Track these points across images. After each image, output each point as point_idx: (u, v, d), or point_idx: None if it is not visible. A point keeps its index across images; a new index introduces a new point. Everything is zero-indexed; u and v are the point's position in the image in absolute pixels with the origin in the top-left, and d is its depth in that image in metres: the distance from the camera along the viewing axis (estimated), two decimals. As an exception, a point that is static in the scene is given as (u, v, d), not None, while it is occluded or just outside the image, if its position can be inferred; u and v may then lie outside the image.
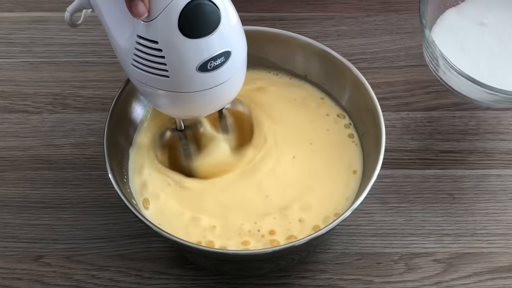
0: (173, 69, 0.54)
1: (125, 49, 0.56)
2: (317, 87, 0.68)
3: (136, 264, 0.66)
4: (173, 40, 0.53)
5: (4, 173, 0.72)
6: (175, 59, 0.54)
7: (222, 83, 0.56)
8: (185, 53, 0.53)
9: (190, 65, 0.54)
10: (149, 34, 0.53)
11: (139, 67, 0.56)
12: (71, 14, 0.59)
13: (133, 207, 0.57)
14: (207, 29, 0.53)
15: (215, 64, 0.54)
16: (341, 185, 0.62)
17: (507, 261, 0.66)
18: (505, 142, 0.73)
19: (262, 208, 0.61)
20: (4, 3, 0.85)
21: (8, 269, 0.66)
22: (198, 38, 0.53)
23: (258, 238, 0.60)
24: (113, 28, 0.57)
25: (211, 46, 0.53)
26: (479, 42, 0.71)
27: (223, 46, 0.54)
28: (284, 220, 0.61)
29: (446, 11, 0.73)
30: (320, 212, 0.61)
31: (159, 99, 0.58)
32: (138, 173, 0.63)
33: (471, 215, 0.69)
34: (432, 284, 0.65)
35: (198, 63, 0.54)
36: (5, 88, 0.78)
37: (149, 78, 0.56)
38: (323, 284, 0.65)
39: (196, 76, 0.54)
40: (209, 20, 0.52)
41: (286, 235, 0.60)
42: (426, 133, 0.74)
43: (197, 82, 0.55)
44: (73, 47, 0.81)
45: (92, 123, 0.75)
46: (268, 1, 0.85)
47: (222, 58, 0.54)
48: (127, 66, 0.57)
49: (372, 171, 0.59)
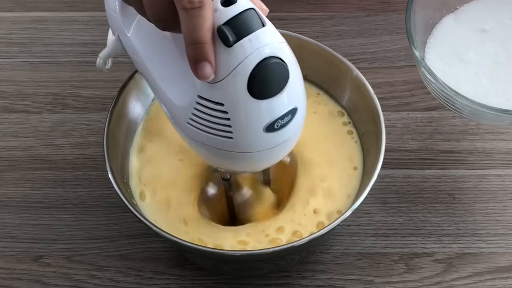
0: (239, 130, 0.50)
1: (180, 107, 0.53)
2: (317, 87, 0.68)
3: (136, 264, 0.66)
4: (241, 102, 0.49)
5: (4, 173, 0.72)
6: (242, 121, 0.50)
7: (286, 140, 0.53)
8: (253, 114, 0.50)
9: (257, 127, 0.50)
10: (213, 95, 0.49)
11: (198, 127, 0.52)
12: (104, 61, 0.57)
13: (133, 207, 0.57)
14: (277, 88, 0.49)
15: (282, 123, 0.51)
16: (344, 181, 0.62)
17: (507, 261, 0.66)
18: (505, 142, 0.73)
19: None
20: (4, 3, 0.85)
21: (8, 269, 0.66)
22: (267, 99, 0.49)
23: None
24: (162, 83, 0.54)
25: (279, 106, 0.50)
26: (480, 51, 0.65)
27: (290, 104, 0.51)
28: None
29: (442, 19, 0.68)
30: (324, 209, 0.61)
31: (214, 157, 0.54)
32: (138, 177, 0.63)
33: (471, 215, 0.69)
34: (432, 284, 0.65)
35: (266, 124, 0.50)
36: (5, 88, 0.78)
37: (209, 138, 0.52)
38: (323, 284, 0.65)
39: (262, 137, 0.51)
40: (279, 79, 0.49)
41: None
42: (426, 133, 0.74)
43: (262, 142, 0.51)
44: (73, 47, 0.81)
45: (92, 123, 0.75)
46: (268, 1, 0.84)
47: (289, 116, 0.51)
48: (181, 123, 0.53)
49: (372, 170, 0.59)
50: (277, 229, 0.60)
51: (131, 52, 0.56)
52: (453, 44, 0.66)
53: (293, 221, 0.60)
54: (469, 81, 0.62)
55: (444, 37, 0.67)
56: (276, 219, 0.61)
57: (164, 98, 0.54)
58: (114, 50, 0.56)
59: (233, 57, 0.47)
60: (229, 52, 0.47)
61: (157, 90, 0.55)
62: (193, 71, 0.48)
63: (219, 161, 0.55)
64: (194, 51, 0.47)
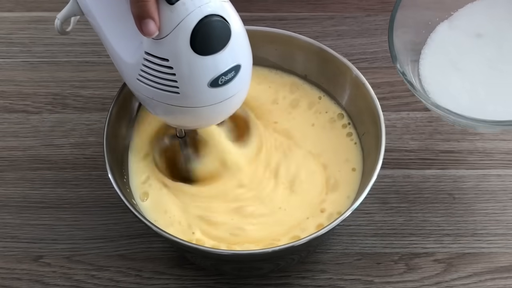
0: (184, 85, 0.53)
1: (129, 64, 0.56)
2: (317, 86, 0.68)
3: (136, 264, 0.66)
4: (185, 58, 0.52)
5: (3, 173, 0.72)
6: (186, 76, 0.53)
7: (231, 96, 0.55)
8: (197, 70, 0.52)
9: (201, 82, 0.53)
10: (158, 51, 0.52)
11: (146, 83, 0.55)
12: (62, 21, 0.59)
13: (133, 207, 0.57)
14: (219, 45, 0.52)
15: (226, 79, 0.53)
16: (343, 182, 0.63)
17: (507, 261, 0.66)
18: (505, 142, 0.73)
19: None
20: (4, 3, 0.85)
21: (8, 269, 0.66)
22: (209, 55, 0.52)
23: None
24: (114, 41, 0.57)
25: (222, 62, 0.53)
26: (475, 58, 0.63)
27: (233, 60, 0.53)
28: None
29: (437, 27, 0.65)
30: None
31: (164, 112, 0.57)
32: (139, 180, 0.63)
33: (471, 215, 0.69)
34: (432, 284, 0.65)
35: (210, 80, 0.53)
36: (5, 88, 0.78)
37: (157, 94, 0.55)
38: (323, 284, 0.65)
39: (207, 92, 0.54)
40: (221, 36, 0.52)
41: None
42: (426, 133, 0.74)
43: (208, 97, 0.54)
44: (73, 47, 0.81)
45: (92, 123, 0.75)
46: (268, 1, 0.85)
47: (232, 72, 0.54)
48: (131, 80, 0.56)
49: (372, 170, 0.59)
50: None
51: (86, 12, 0.58)
52: (448, 53, 0.64)
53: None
54: (464, 90, 0.62)
55: (439, 45, 0.65)
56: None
57: (115, 56, 0.57)
58: (71, 11, 0.59)
59: (175, 14, 0.50)
60: (172, 10, 0.50)
61: (109, 48, 0.57)
62: (138, 28, 0.51)
63: (169, 117, 0.58)
64: (138, 8, 0.50)
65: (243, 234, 0.60)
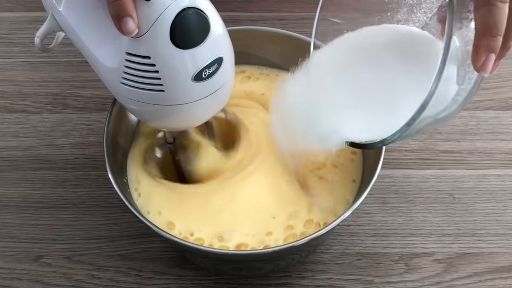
0: (168, 82, 0.53)
1: (111, 69, 0.55)
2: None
3: (136, 264, 0.66)
4: (166, 53, 0.51)
5: (4, 173, 0.72)
6: (170, 72, 0.52)
7: (216, 90, 0.55)
8: (179, 65, 0.52)
9: (185, 77, 0.53)
10: (139, 50, 0.52)
11: (130, 85, 0.54)
12: (41, 39, 0.58)
13: (133, 207, 0.57)
14: (199, 38, 0.52)
15: (209, 72, 0.53)
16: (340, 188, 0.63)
17: (507, 261, 0.66)
18: (505, 142, 0.73)
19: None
20: (4, 3, 0.85)
21: (8, 269, 0.66)
22: (191, 48, 0.52)
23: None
24: (95, 48, 0.56)
25: (204, 55, 0.53)
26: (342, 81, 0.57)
27: (215, 53, 0.53)
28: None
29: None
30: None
31: (151, 114, 0.57)
32: (136, 181, 0.64)
33: (471, 215, 0.69)
34: (432, 284, 0.65)
35: (193, 73, 0.53)
36: (5, 88, 0.78)
37: (142, 95, 0.54)
38: (323, 284, 0.65)
39: (192, 87, 0.53)
40: (200, 28, 0.52)
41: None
42: (426, 133, 0.74)
43: (193, 92, 0.54)
44: (73, 47, 0.80)
45: (92, 123, 0.75)
46: (268, 1, 0.85)
47: (215, 65, 0.54)
48: (115, 85, 0.56)
49: (372, 170, 0.59)
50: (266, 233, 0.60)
51: (65, 27, 0.58)
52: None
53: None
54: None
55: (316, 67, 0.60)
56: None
57: (98, 65, 0.56)
58: (49, 28, 0.58)
59: (153, 10, 0.50)
60: (149, 5, 0.50)
61: (92, 59, 0.57)
62: (117, 28, 0.50)
63: (158, 119, 0.58)
64: (115, 8, 0.50)
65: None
